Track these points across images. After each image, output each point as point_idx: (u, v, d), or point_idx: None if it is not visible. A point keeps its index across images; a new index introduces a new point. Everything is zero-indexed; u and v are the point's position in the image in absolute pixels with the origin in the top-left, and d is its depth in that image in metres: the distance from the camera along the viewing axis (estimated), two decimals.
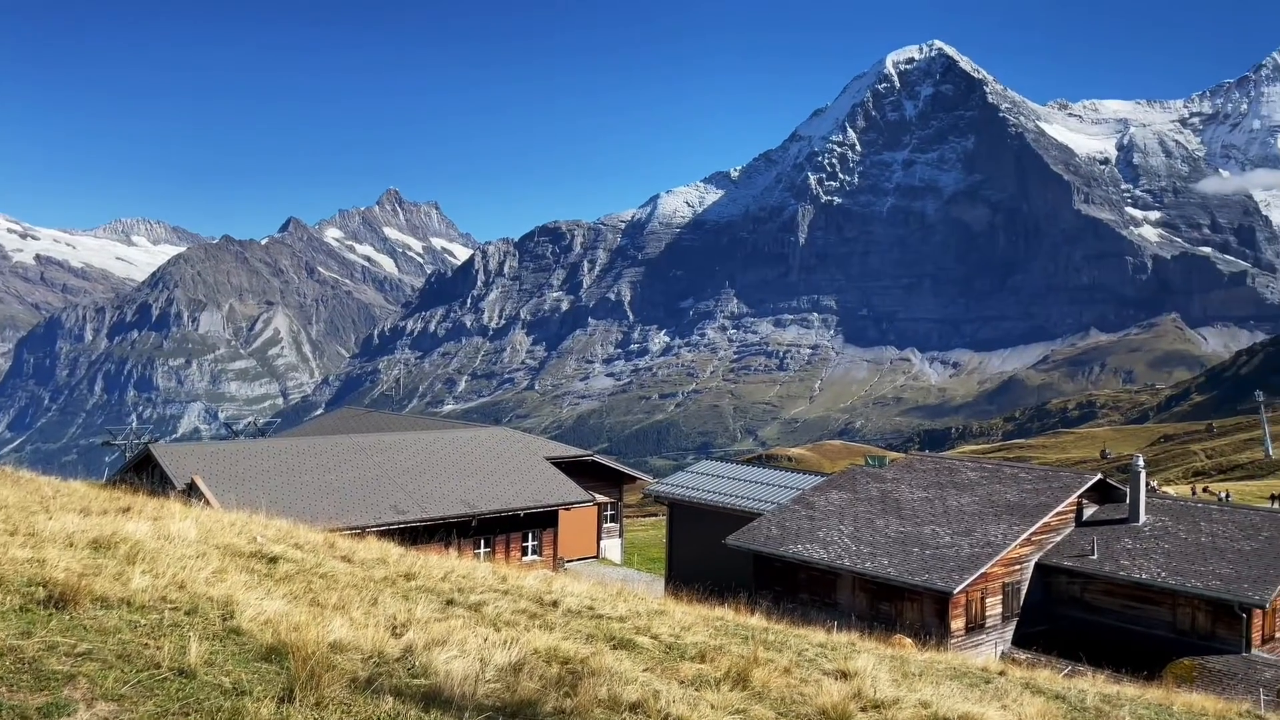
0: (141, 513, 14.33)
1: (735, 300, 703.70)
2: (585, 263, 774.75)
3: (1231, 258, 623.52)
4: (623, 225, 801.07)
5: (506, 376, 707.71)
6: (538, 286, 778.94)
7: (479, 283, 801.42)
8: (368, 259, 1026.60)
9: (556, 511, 38.87)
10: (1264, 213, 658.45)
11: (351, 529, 28.86)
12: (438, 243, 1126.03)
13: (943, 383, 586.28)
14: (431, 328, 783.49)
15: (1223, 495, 72.58)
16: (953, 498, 34.17)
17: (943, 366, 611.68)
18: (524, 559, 37.33)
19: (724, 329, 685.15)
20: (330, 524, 25.95)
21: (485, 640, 7.99)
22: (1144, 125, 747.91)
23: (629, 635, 10.42)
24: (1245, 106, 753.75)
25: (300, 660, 6.40)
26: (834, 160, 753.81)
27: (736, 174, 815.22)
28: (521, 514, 37.08)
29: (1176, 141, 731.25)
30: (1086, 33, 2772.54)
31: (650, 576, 42.75)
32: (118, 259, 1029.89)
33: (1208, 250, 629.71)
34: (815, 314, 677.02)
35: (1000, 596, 30.40)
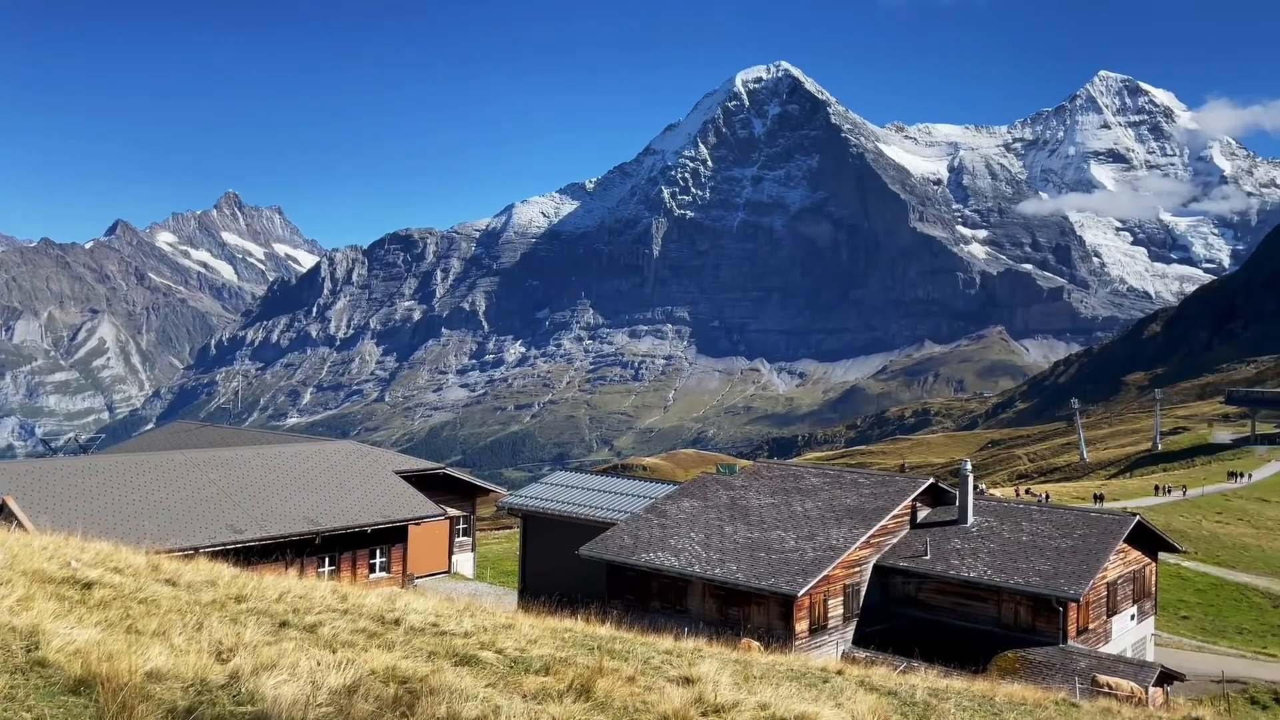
0: None
1: (591, 311, 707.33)
2: (438, 272, 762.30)
3: (1050, 274, 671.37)
4: (477, 234, 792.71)
5: (355, 388, 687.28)
6: (388, 295, 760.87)
7: (325, 291, 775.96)
8: (204, 265, 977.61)
9: (406, 527, 37.92)
10: (1078, 233, 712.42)
11: (182, 550, 27.32)
12: (281, 249, 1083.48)
13: (790, 392, 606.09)
14: (274, 337, 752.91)
15: (1043, 496, 77.74)
16: (797, 503, 35.28)
17: (790, 376, 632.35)
18: (371, 576, 36.24)
19: (580, 339, 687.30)
20: (158, 546, 24.48)
21: (318, 663, 7.69)
22: (973, 149, 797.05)
23: (473, 651, 10.25)
24: (1062, 134, 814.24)
25: (111, 691, 6.01)
26: (687, 175, 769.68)
27: (592, 186, 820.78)
28: (369, 530, 35.99)
29: (1001, 165, 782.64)
30: (920, 59, 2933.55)
31: (503, 590, 42.32)
32: None
33: (1029, 267, 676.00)
34: (669, 325, 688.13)
35: (842, 598, 31.55)
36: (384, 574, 37.00)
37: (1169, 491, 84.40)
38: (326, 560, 35.24)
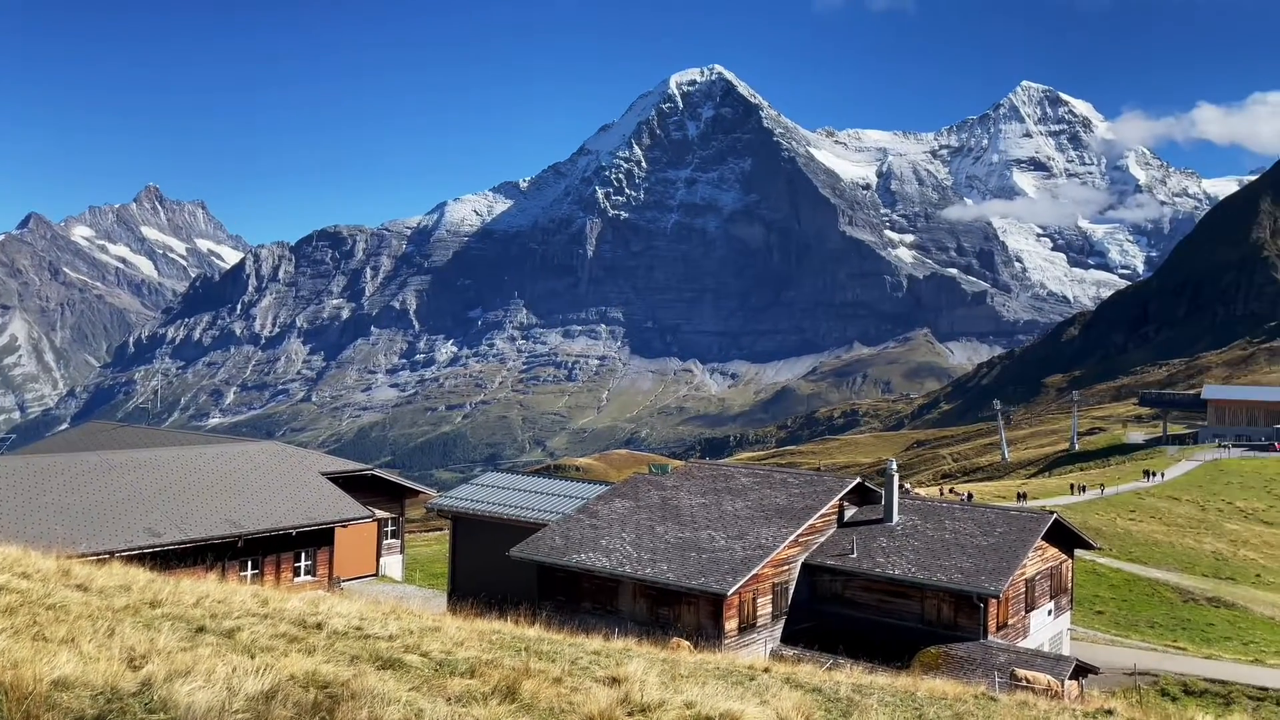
0: None
1: (524, 311, 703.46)
2: (368, 269, 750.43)
3: (974, 279, 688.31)
4: (408, 232, 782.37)
5: (281, 388, 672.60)
6: (316, 293, 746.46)
7: (250, 288, 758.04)
8: (122, 260, 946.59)
9: (332, 529, 37.24)
10: (1001, 239, 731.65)
11: (96, 555, 26.43)
12: (204, 244, 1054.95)
13: (722, 392, 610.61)
14: (196, 335, 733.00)
15: (966, 495, 79.59)
16: (727, 503, 35.56)
17: (722, 377, 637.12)
18: (296, 580, 35.51)
19: (513, 339, 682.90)
20: (70, 550, 23.66)
21: (235, 668, 7.51)
22: (900, 155, 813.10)
23: (397, 654, 10.10)
24: (986, 141, 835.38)
25: (15, 700, 5.80)
26: (621, 175, 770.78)
27: (525, 185, 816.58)
28: (294, 532, 35.24)
29: (928, 171, 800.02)
30: (851, 65, 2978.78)
31: (432, 592, 41.87)
32: None
33: (954, 271, 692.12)
34: (603, 325, 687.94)
35: (770, 596, 31.88)
36: (309, 577, 36.29)
37: (1084, 490, 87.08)
38: (249, 564, 34.43)
